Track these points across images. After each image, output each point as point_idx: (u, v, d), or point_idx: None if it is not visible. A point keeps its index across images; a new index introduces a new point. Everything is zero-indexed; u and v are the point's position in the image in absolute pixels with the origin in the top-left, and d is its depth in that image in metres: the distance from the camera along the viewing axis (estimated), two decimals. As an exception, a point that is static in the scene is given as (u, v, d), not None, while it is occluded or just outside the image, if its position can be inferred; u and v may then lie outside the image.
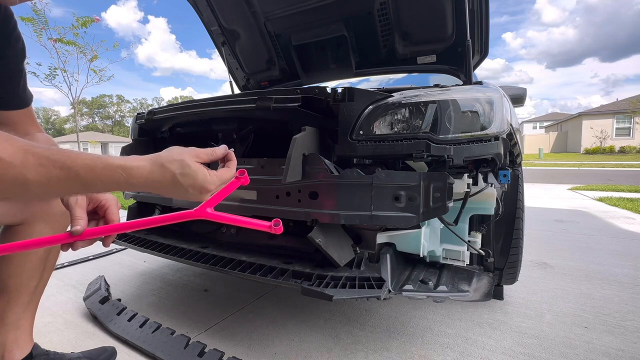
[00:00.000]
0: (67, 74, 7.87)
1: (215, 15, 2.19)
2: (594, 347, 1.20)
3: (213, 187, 0.54)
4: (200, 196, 0.54)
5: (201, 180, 0.52)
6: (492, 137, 1.03)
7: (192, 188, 0.52)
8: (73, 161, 0.44)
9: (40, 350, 1.00)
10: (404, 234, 1.14)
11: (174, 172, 0.50)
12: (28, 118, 0.90)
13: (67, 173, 0.44)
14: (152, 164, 0.50)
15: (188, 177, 0.51)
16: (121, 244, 1.42)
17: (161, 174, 0.50)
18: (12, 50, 0.81)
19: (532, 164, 14.85)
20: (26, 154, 0.41)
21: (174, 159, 0.51)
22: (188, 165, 0.51)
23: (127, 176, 0.47)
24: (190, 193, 0.52)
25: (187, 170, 0.51)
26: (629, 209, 3.93)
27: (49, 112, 65.15)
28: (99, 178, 0.46)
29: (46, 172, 0.42)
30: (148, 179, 0.49)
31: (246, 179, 0.58)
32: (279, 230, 0.54)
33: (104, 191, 0.48)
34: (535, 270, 1.98)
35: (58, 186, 0.44)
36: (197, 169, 0.52)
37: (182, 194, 0.52)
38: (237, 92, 2.58)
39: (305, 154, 1.03)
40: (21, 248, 0.55)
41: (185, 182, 0.51)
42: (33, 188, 0.42)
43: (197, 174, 0.51)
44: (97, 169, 0.45)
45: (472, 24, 1.62)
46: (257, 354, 1.17)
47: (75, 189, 0.46)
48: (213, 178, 0.54)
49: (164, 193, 0.52)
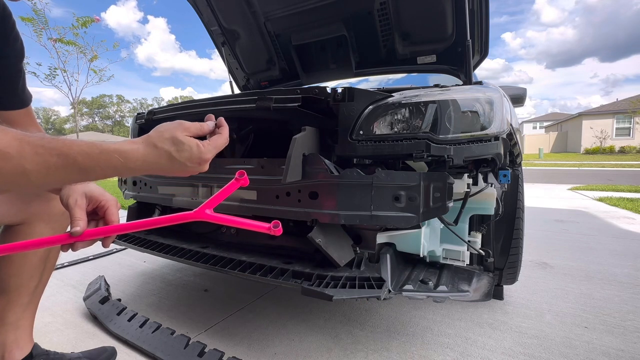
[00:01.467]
0: (67, 74, 7.89)
1: (215, 15, 2.19)
2: (594, 347, 1.20)
3: (210, 156, 0.54)
4: (199, 167, 0.54)
5: (197, 152, 0.52)
6: (492, 137, 1.03)
7: (190, 161, 0.52)
8: (69, 148, 0.44)
9: (41, 350, 1.00)
10: (404, 234, 1.14)
11: (168, 150, 0.50)
12: (27, 118, 0.90)
13: (64, 160, 0.43)
14: (145, 146, 0.49)
15: (183, 152, 0.51)
16: (121, 244, 1.42)
17: (156, 155, 0.50)
18: (10, 50, 0.81)
19: (532, 164, 14.85)
20: (21, 142, 0.41)
21: (165, 138, 0.51)
22: (180, 141, 0.51)
23: (124, 160, 0.47)
24: (189, 166, 0.52)
25: (181, 146, 0.51)
26: (629, 209, 3.93)
27: (49, 112, 65.11)
28: (97, 163, 0.46)
29: (43, 161, 0.42)
30: (145, 161, 0.49)
31: (246, 180, 0.58)
32: (278, 232, 0.54)
33: (103, 177, 0.48)
34: (535, 270, 1.98)
35: (57, 174, 0.44)
36: (190, 142, 0.52)
37: (182, 169, 0.52)
38: (237, 92, 2.58)
39: (305, 154, 1.03)
40: (21, 248, 0.55)
41: (182, 157, 0.51)
42: (33, 178, 0.42)
43: (191, 147, 0.52)
44: (94, 154, 0.45)
45: (472, 24, 1.62)
46: (257, 354, 1.17)
47: (74, 176, 0.46)
48: (207, 147, 0.54)
49: (164, 172, 0.52)
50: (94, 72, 8.32)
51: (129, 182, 1.55)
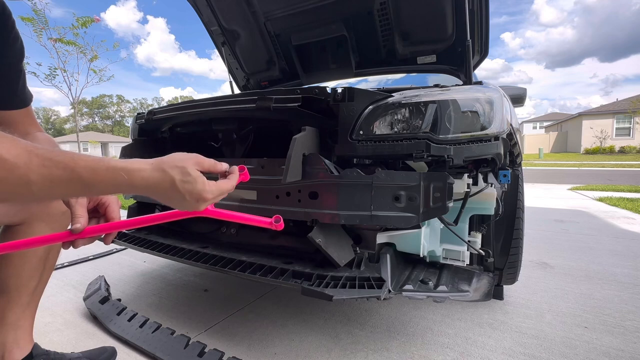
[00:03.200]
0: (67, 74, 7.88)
1: (215, 15, 2.19)
2: (594, 347, 1.20)
3: (211, 197, 0.53)
4: (196, 205, 0.53)
5: (199, 189, 0.52)
6: (492, 137, 1.03)
7: (190, 195, 0.51)
8: (75, 162, 0.44)
9: (41, 350, 1.00)
10: (404, 234, 1.14)
11: (173, 178, 0.50)
12: (28, 118, 0.90)
13: (69, 174, 0.44)
14: (154, 168, 0.50)
15: (187, 184, 0.51)
16: (121, 244, 1.42)
17: (161, 178, 0.50)
18: (10, 50, 0.81)
19: (532, 164, 14.85)
20: (30, 154, 0.41)
21: (176, 165, 0.51)
22: (188, 172, 0.51)
23: (129, 178, 0.47)
24: (187, 201, 0.52)
25: (187, 177, 0.50)
26: (629, 209, 3.93)
27: (49, 112, 65.13)
28: (101, 180, 0.46)
29: (48, 173, 0.42)
30: (148, 182, 0.49)
31: (246, 175, 0.58)
32: (279, 227, 0.54)
33: (105, 193, 0.48)
34: (536, 270, 1.98)
35: (60, 187, 0.44)
36: (197, 177, 0.51)
37: (179, 201, 0.52)
38: (237, 92, 2.58)
39: (305, 154, 1.03)
40: (22, 246, 0.55)
41: (184, 188, 0.51)
42: (35, 189, 0.42)
43: (196, 181, 0.51)
44: (100, 170, 0.46)
45: (472, 24, 1.62)
46: (257, 354, 1.17)
47: (76, 191, 0.46)
48: (212, 187, 0.53)
49: (162, 198, 0.52)
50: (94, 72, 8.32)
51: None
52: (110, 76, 8.84)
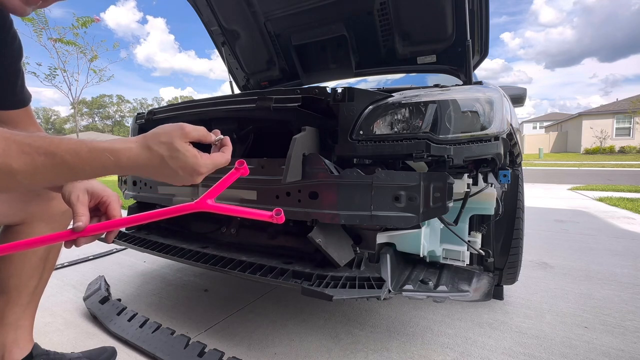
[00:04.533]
0: (67, 74, 7.90)
1: (215, 15, 2.19)
2: (594, 347, 1.20)
3: (205, 170, 0.51)
4: (191, 179, 0.51)
5: (192, 163, 0.49)
6: (492, 137, 1.03)
7: (183, 170, 0.49)
8: (57, 146, 0.43)
9: (41, 350, 1.00)
10: (404, 234, 1.14)
11: (162, 155, 0.48)
12: (27, 117, 0.90)
13: (52, 159, 0.42)
14: (139, 146, 0.48)
15: (177, 159, 0.48)
16: (121, 244, 1.42)
17: (148, 157, 0.48)
18: (8, 50, 0.80)
19: (532, 164, 14.85)
20: (7, 141, 0.40)
21: (161, 141, 0.48)
22: (176, 148, 0.48)
23: (115, 159, 0.46)
24: (181, 175, 0.50)
25: (175, 153, 0.48)
26: (629, 209, 3.93)
27: (49, 112, 65.12)
28: (86, 162, 0.44)
29: (31, 160, 0.41)
30: (136, 161, 0.47)
31: (245, 170, 0.57)
32: (280, 220, 0.53)
33: (93, 176, 0.47)
34: (536, 270, 1.98)
35: (45, 174, 0.43)
36: (187, 150, 0.49)
37: (172, 177, 0.50)
38: (237, 92, 2.58)
39: (305, 154, 1.03)
40: (25, 247, 0.55)
41: (175, 164, 0.49)
42: (20, 178, 0.41)
43: (186, 155, 0.49)
44: (83, 152, 0.44)
45: (472, 24, 1.62)
46: (257, 354, 1.17)
47: (63, 176, 0.45)
48: (205, 160, 0.51)
49: (154, 176, 0.50)
50: (94, 72, 8.33)
51: (129, 182, 1.55)
52: (110, 76, 8.86)
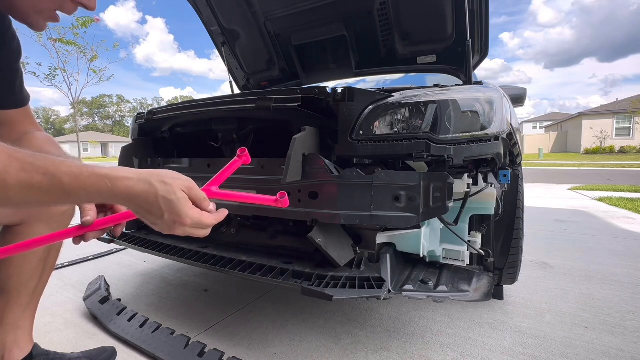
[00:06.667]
0: (67, 74, 7.91)
1: (215, 15, 2.19)
2: (594, 347, 1.20)
3: (189, 222, 0.50)
4: (172, 226, 0.50)
5: (178, 210, 0.49)
6: (492, 137, 1.03)
7: (169, 214, 0.49)
8: (57, 168, 0.43)
9: (41, 350, 0.99)
10: (404, 234, 1.14)
11: (157, 191, 0.48)
12: (26, 117, 0.90)
13: (49, 180, 0.42)
14: (140, 179, 0.48)
15: (170, 202, 0.48)
16: (121, 244, 1.42)
17: (145, 190, 0.48)
18: (7, 49, 0.80)
19: (532, 164, 14.85)
20: (10, 157, 0.40)
21: (163, 181, 0.49)
22: (174, 191, 0.48)
23: (112, 186, 0.46)
24: (165, 219, 0.49)
25: (172, 195, 0.48)
26: (629, 209, 3.93)
27: (49, 112, 65.18)
28: (83, 186, 0.44)
29: (28, 178, 0.41)
30: (131, 192, 0.47)
31: (247, 158, 0.57)
32: (285, 203, 0.54)
33: (87, 201, 0.47)
34: (536, 270, 1.98)
35: (39, 194, 0.42)
36: (182, 199, 0.49)
37: (156, 217, 0.49)
38: (237, 92, 2.58)
39: (305, 154, 1.03)
40: (32, 246, 0.55)
41: (165, 206, 0.48)
42: (12, 194, 0.41)
43: (179, 202, 0.49)
44: (83, 176, 0.44)
45: (472, 24, 1.62)
46: (257, 354, 1.17)
47: (56, 198, 0.44)
48: (194, 214, 0.50)
49: (140, 211, 0.50)
50: (93, 72, 8.35)
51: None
52: (110, 76, 8.88)
